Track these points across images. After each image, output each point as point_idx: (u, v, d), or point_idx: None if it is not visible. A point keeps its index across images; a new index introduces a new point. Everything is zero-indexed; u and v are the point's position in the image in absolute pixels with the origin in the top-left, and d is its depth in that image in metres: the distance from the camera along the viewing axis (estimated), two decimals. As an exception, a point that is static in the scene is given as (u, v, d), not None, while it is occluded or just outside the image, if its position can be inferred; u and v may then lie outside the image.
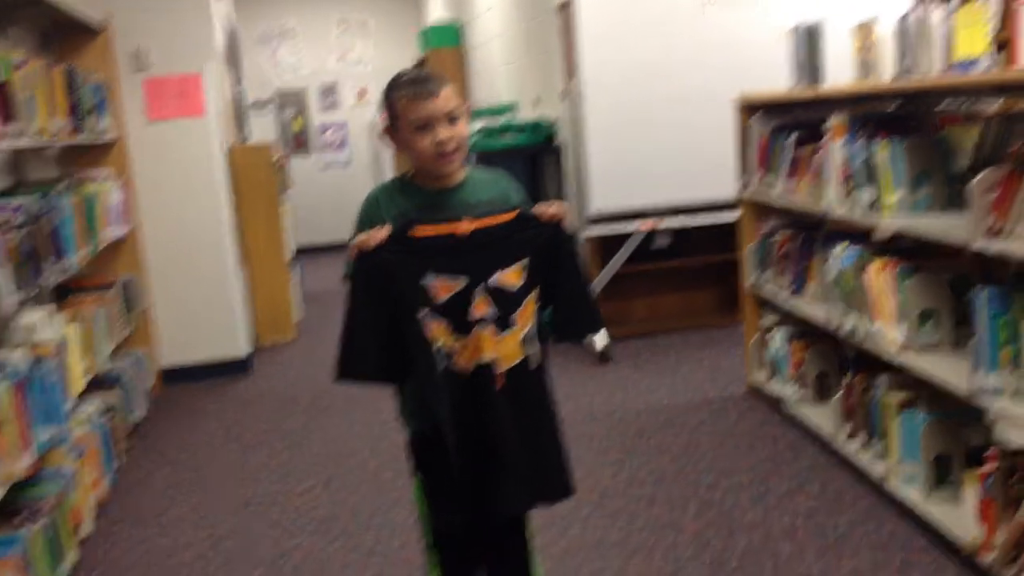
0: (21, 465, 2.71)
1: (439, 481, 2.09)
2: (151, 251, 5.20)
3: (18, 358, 2.88)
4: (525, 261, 1.98)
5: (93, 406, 3.79)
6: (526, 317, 1.99)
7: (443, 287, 1.95)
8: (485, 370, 1.96)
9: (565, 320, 2.06)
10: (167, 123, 5.17)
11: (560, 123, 5.67)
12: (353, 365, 1.97)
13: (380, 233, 1.94)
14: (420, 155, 2.06)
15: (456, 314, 1.95)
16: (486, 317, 1.95)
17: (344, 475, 3.77)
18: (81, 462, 3.38)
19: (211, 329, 5.39)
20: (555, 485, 2.07)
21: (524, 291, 1.99)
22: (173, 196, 5.21)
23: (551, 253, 2.00)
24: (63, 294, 4.17)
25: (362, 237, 1.95)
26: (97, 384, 4.00)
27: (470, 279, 1.95)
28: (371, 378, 2.03)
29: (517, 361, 1.99)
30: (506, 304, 1.97)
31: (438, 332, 1.95)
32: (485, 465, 1.97)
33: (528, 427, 2.01)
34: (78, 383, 3.48)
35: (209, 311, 5.36)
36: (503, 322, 1.97)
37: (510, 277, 1.97)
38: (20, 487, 2.86)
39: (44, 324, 3.29)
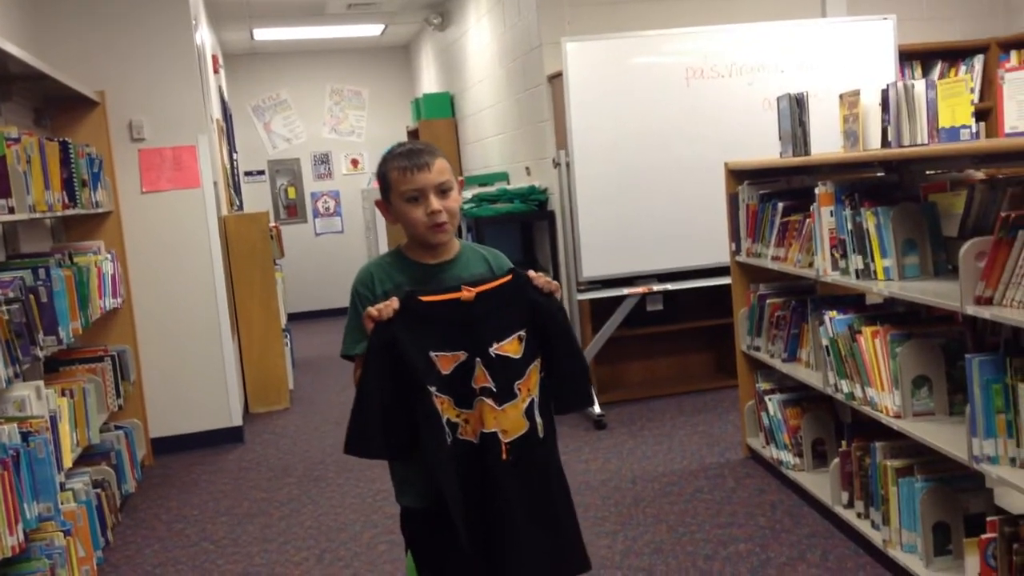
0: (9, 542, 2.66)
1: (433, 557, 2.06)
2: (142, 321, 5.19)
3: (8, 433, 2.85)
4: (521, 333, 1.99)
5: (83, 480, 3.74)
6: (529, 387, 1.99)
7: (445, 360, 1.95)
8: (490, 440, 1.95)
9: (557, 394, 2.05)
10: (161, 194, 5.21)
11: (552, 191, 5.72)
12: (363, 443, 1.96)
13: (392, 304, 1.94)
14: (412, 225, 2.07)
15: (458, 387, 1.95)
16: (486, 388, 1.95)
17: (337, 548, 3.71)
18: (71, 538, 3.32)
19: (204, 398, 5.36)
20: (569, 559, 2.04)
21: (526, 361, 1.99)
22: (166, 266, 5.23)
23: (545, 325, 2.01)
24: (53, 366, 4.14)
25: (375, 309, 1.95)
26: (87, 457, 3.95)
27: (469, 352, 1.96)
28: (377, 456, 2.01)
29: (522, 432, 1.98)
30: (507, 374, 1.97)
31: (443, 406, 1.95)
32: (493, 540, 1.95)
33: (536, 499, 1.99)
34: (68, 457, 3.44)
35: (202, 380, 5.34)
36: (504, 393, 1.96)
37: (508, 348, 1.98)
38: (8, 563, 2.81)
39: (35, 398, 3.26)
